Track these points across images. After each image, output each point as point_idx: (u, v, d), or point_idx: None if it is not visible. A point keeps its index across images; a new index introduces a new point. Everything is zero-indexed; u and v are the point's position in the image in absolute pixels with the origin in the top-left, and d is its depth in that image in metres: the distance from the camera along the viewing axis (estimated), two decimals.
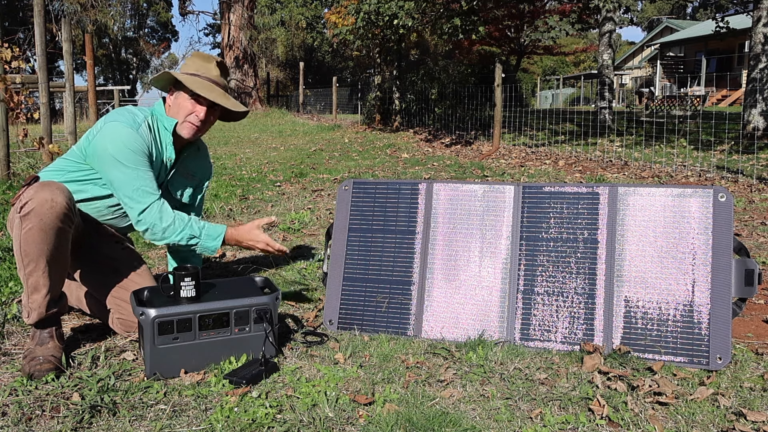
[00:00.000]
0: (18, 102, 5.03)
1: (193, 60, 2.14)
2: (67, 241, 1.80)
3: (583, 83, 28.05)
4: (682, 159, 7.17)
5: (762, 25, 8.23)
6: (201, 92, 2.03)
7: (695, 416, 1.57)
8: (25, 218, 1.71)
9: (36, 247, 1.72)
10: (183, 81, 2.04)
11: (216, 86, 2.10)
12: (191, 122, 2.09)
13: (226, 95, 2.12)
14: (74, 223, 1.84)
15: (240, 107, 2.16)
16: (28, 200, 1.72)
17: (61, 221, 1.74)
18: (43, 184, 1.75)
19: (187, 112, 2.08)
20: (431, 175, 6.25)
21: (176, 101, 2.09)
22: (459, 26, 9.56)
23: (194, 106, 2.07)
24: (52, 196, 1.72)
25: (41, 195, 1.72)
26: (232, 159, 7.91)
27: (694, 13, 43.57)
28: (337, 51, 28.79)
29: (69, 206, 1.77)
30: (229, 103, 2.11)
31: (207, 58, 2.15)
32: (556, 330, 2.00)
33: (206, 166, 2.37)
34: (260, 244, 2.12)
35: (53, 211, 1.72)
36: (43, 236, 1.72)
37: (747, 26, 9.85)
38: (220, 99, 2.07)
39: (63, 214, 1.74)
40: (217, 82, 2.11)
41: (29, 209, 1.71)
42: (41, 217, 1.71)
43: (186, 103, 2.07)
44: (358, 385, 1.74)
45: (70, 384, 1.71)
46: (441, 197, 2.23)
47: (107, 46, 34.25)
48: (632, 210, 2.03)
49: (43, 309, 1.79)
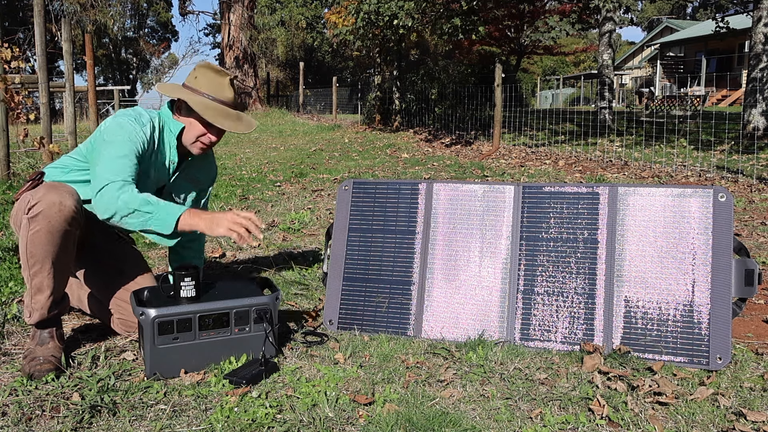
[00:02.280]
0: (18, 102, 5.03)
1: (205, 74, 2.03)
2: (72, 243, 1.81)
3: (583, 83, 28.05)
4: (682, 159, 7.17)
5: (762, 25, 8.23)
6: (215, 122, 1.97)
7: (695, 416, 1.57)
8: (33, 220, 1.71)
9: (42, 249, 1.72)
10: (196, 109, 1.96)
11: (230, 110, 2.04)
12: (202, 143, 2.05)
13: (239, 117, 2.06)
14: (81, 225, 1.83)
15: (252, 127, 2.10)
16: (37, 202, 1.71)
17: (69, 224, 1.74)
18: (52, 186, 1.75)
19: (199, 133, 2.03)
20: (431, 175, 6.25)
21: (188, 119, 2.04)
22: (459, 26, 9.56)
23: (205, 128, 2.02)
24: (60, 199, 1.72)
25: (50, 198, 1.71)
26: (232, 159, 7.91)
27: (694, 13, 43.58)
28: (337, 51, 28.80)
29: (77, 209, 1.77)
30: (242, 127, 2.05)
31: (220, 73, 2.05)
32: (556, 330, 2.00)
33: (212, 172, 2.32)
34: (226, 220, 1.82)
35: (61, 215, 1.72)
36: (50, 239, 1.72)
37: (747, 26, 9.85)
38: (234, 127, 2.01)
39: (71, 218, 1.74)
40: (231, 105, 2.05)
41: (37, 211, 1.70)
42: (49, 219, 1.71)
43: (198, 125, 2.02)
44: (358, 385, 1.74)
45: (70, 384, 1.71)
46: (441, 197, 2.23)
47: (107, 46, 34.25)
48: (632, 210, 2.03)
49: (45, 310, 1.79)
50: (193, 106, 1.97)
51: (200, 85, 2.02)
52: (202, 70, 2.04)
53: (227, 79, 2.05)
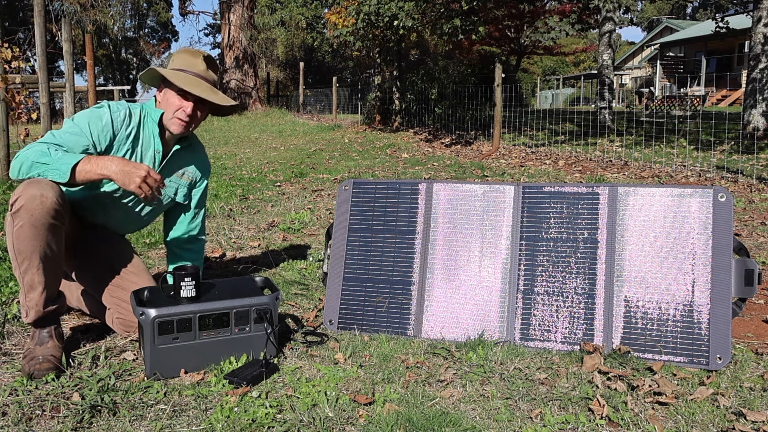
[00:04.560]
0: (19, 102, 5.03)
1: (180, 55, 2.12)
2: (60, 237, 1.79)
3: (583, 83, 28.05)
4: (682, 159, 7.17)
5: (762, 25, 8.24)
6: (187, 88, 2.00)
7: (695, 416, 1.57)
8: (16, 215, 1.70)
9: (28, 244, 1.71)
10: (168, 77, 2.02)
11: (203, 81, 2.07)
12: (179, 118, 2.05)
13: (213, 89, 2.09)
14: (66, 219, 1.82)
15: (228, 101, 2.11)
16: (18, 197, 1.71)
17: (52, 217, 1.73)
18: (32, 182, 1.74)
19: (175, 108, 2.05)
20: (431, 175, 6.25)
21: (164, 97, 2.07)
22: (459, 27, 9.55)
23: (181, 101, 2.04)
24: (41, 191, 1.71)
25: (30, 191, 1.70)
26: (232, 159, 7.91)
27: (694, 13, 43.59)
28: (337, 51, 28.81)
29: (59, 202, 1.75)
30: (217, 98, 2.07)
31: (194, 52, 2.12)
32: (556, 330, 2.00)
33: (201, 164, 2.30)
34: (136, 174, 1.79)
35: (43, 207, 1.70)
36: (34, 233, 1.71)
37: (747, 26, 9.86)
38: (206, 94, 2.03)
39: (53, 210, 1.73)
40: (204, 77, 2.08)
41: (19, 206, 1.70)
42: (31, 213, 1.69)
43: (173, 99, 2.05)
44: (358, 385, 1.74)
45: (70, 384, 1.71)
46: (441, 197, 2.24)
47: (107, 46, 34.25)
48: (632, 210, 2.03)
49: (40, 307, 1.78)
50: (164, 74, 2.03)
51: (175, 64, 2.10)
52: (178, 53, 2.14)
53: (200, 57, 2.11)
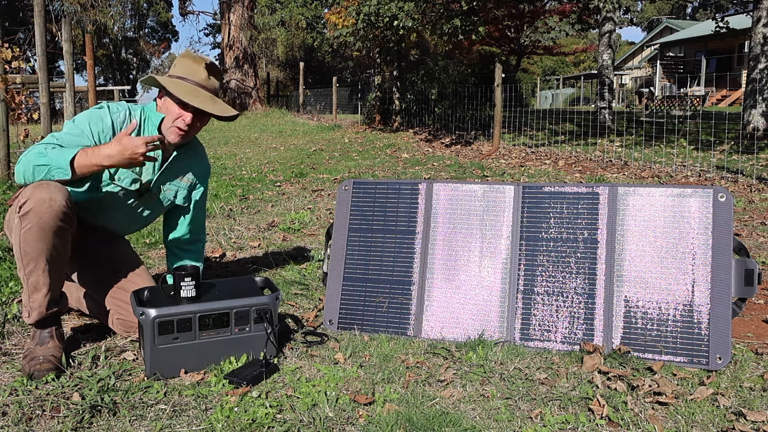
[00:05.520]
0: (19, 102, 5.03)
1: (182, 61, 2.06)
2: (66, 240, 1.80)
3: (583, 83, 28.05)
4: (682, 159, 7.17)
5: (762, 25, 8.24)
6: (186, 99, 1.96)
7: (695, 416, 1.57)
8: (24, 218, 1.71)
9: (36, 247, 1.72)
10: (167, 87, 1.97)
11: (203, 90, 2.02)
12: (178, 127, 2.02)
13: (213, 99, 2.05)
14: (74, 222, 1.83)
15: (228, 111, 2.06)
16: (27, 200, 1.71)
17: (60, 220, 1.74)
18: (41, 184, 1.74)
19: (174, 116, 2.01)
20: (431, 175, 6.25)
21: (164, 104, 2.04)
22: (459, 27, 9.55)
23: (180, 111, 2.01)
24: (50, 195, 1.72)
25: (39, 194, 1.71)
26: (232, 159, 7.91)
27: (694, 13, 43.58)
28: (337, 51, 28.81)
29: (68, 205, 1.76)
30: (216, 108, 2.02)
31: (196, 59, 2.06)
32: (556, 330, 2.00)
33: (201, 166, 2.28)
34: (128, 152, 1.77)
35: (52, 210, 1.71)
36: (42, 235, 1.72)
37: (747, 26, 9.84)
38: (206, 105, 1.99)
39: (62, 213, 1.74)
40: (205, 86, 2.04)
41: (28, 209, 1.70)
42: (40, 216, 1.70)
43: (173, 107, 2.01)
44: (358, 385, 1.74)
45: (70, 384, 1.71)
46: (441, 197, 2.24)
47: (107, 46, 34.25)
48: (632, 210, 2.03)
49: (43, 308, 1.79)
50: (164, 84, 1.99)
51: (176, 70, 2.06)
52: (180, 58, 2.09)
53: (203, 64, 2.05)
